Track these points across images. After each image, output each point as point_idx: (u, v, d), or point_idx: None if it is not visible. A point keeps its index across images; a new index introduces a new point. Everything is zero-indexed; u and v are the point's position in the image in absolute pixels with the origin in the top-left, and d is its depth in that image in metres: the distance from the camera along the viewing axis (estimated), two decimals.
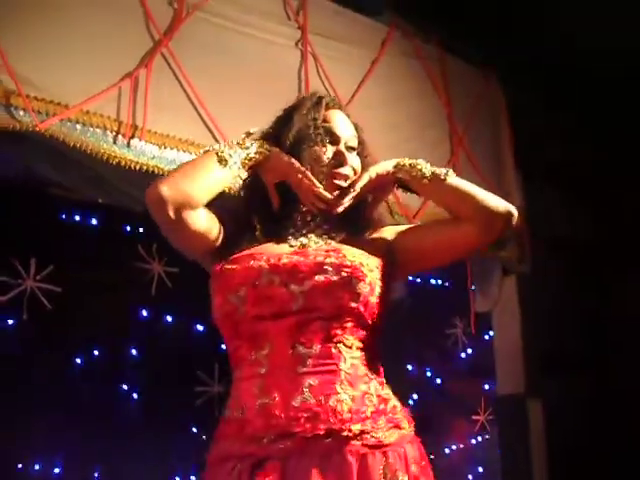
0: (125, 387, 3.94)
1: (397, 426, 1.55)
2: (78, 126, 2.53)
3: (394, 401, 1.60)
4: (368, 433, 1.47)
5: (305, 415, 1.43)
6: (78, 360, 3.79)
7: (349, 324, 1.53)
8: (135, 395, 3.96)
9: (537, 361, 3.95)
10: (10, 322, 3.65)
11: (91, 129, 2.55)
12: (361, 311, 1.54)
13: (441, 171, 1.68)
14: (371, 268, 1.57)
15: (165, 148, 2.71)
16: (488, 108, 4.02)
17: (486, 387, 4.67)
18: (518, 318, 3.97)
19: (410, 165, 1.68)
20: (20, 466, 3.53)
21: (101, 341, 3.81)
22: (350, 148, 1.73)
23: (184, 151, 2.75)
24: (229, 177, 1.61)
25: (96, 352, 3.82)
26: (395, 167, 1.69)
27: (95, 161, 2.60)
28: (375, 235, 1.74)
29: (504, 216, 1.65)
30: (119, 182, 2.75)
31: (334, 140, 1.70)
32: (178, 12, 2.82)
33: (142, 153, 2.65)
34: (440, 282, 4.76)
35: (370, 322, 1.57)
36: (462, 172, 3.68)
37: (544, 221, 4.13)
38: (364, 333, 1.56)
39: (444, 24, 3.78)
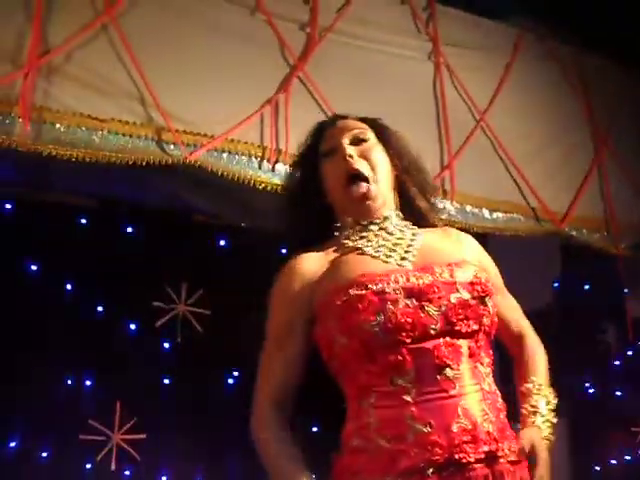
0: None
1: (515, 439, 1.50)
2: (224, 155, 2.64)
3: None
4: (510, 450, 1.44)
5: (465, 439, 1.38)
6: (230, 380, 3.90)
7: (482, 342, 1.50)
8: None
9: None
10: (166, 345, 3.81)
11: (237, 157, 2.66)
12: (490, 327, 1.53)
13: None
14: (489, 281, 1.55)
15: None
16: (632, 105, 3.84)
17: None
18: None
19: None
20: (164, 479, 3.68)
21: (250, 361, 3.90)
22: (359, 140, 1.66)
23: None
24: None
25: (247, 372, 3.92)
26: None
27: (241, 187, 2.69)
28: (457, 242, 1.69)
29: None
30: (264, 206, 2.83)
31: (333, 151, 1.66)
32: (311, 36, 2.90)
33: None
34: (589, 287, 4.57)
35: (493, 338, 1.56)
36: (608, 173, 3.55)
37: None
38: (490, 349, 1.54)
39: (579, 22, 3.65)
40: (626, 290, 3.74)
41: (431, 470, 1.35)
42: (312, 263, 1.59)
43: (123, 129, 2.51)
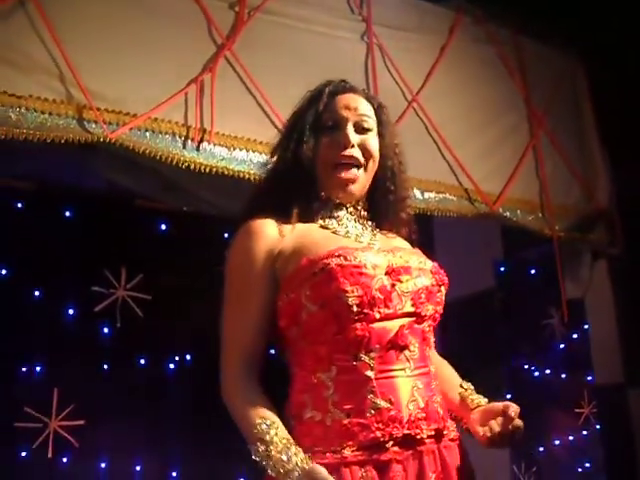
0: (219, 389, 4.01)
1: (450, 418, 1.60)
2: (147, 133, 2.60)
3: None
4: (450, 428, 1.54)
5: (419, 417, 1.46)
6: (171, 365, 3.88)
7: (432, 327, 1.58)
8: None
9: (637, 348, 3.75)
10: (105, 330, 3.78)
11: (160, 135, 2.62)
12: (440, 315, 1.61)
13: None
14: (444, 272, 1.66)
15: (234, 149, 2.75)
16: (569, 89, 3.88)
17: (589, 378, 4.48)
18: (612, 302, 3.80)
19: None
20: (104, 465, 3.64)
21: (192, 346, 3.88)
22: (363, 129, 1.66)
23: (253, 151, 2.78)
24: None
25: (188, 357, 3.91)
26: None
27: (167, 167, 2.66)
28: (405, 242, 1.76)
29: None
30: (193, 187, 2.81)
31: (336, 124, 1.65)
32: (239, 15, 2.86)
33: (211, 155, 2.70)
34: (532, 271, 4.61)
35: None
36: (544, 154, 3.57)
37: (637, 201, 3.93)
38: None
39: (517, 6, 3.66)
40: (563, 273, 3.76)
41: (391, 443, 1.42)
42: (274, 229, 1.58)
43: (42, 106, 2.44)
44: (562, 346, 4.64)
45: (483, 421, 1.54)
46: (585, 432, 4.51)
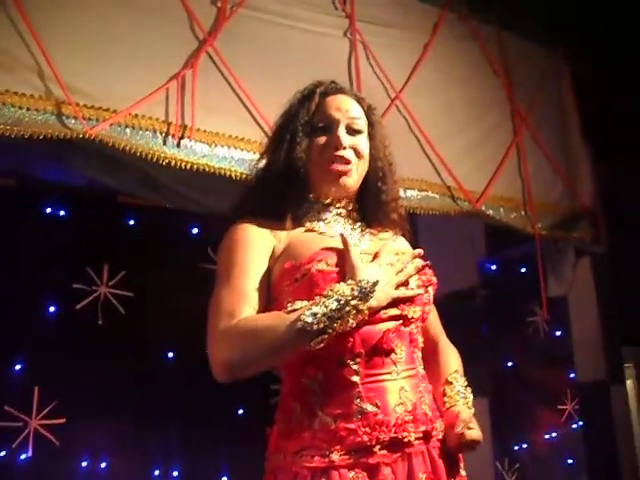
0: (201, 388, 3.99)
1: (441, 417, 1.59)
2: (127, 130, 2.58)
3: None
4: (439, 428, 1.54)
5: (407, 419, 1.45)
6: (154, 363, 3.85)
7: (419, 328, 1.57)
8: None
9: (619, 345, 3.77)
10: (87, 328, 3.74)
11: (140, 132, 2.60)
12: (427, 315, 1.61)
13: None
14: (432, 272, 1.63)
15: (215, 146, 2.73)
16: (553, 86, 3.89)
17: (572, 375, 4.50)
18: (595, 300, 3.81)
19: None
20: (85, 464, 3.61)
21: (175, 343, 3.85)
22: (354, 131, 1.66)
23: (235, 148, 2.77)
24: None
25: (170, 354, 3.88)
26: None
27: (147, 164, 2.64)
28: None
29: None
30: (173, 184, 2.78)
31: (329, 126, 1.64)
32: (222, 11, 2.84)
33: (192, 152, 2.68)
34: (517, 269, 4.62)
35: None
36: (527, 152, 3.58)
37: (621, 199, 3.95)
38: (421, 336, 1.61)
39: (502, 2, 3.66)
40: (544, 270, 3.77)
41: (378, 447, 1.43)
42: (268, 230, 1.58)
43: (20, 101, 2.41)
44: (545, 343, 4.66)
45: (445, 424, 1.56)
46: (568, 429, 4.53)
